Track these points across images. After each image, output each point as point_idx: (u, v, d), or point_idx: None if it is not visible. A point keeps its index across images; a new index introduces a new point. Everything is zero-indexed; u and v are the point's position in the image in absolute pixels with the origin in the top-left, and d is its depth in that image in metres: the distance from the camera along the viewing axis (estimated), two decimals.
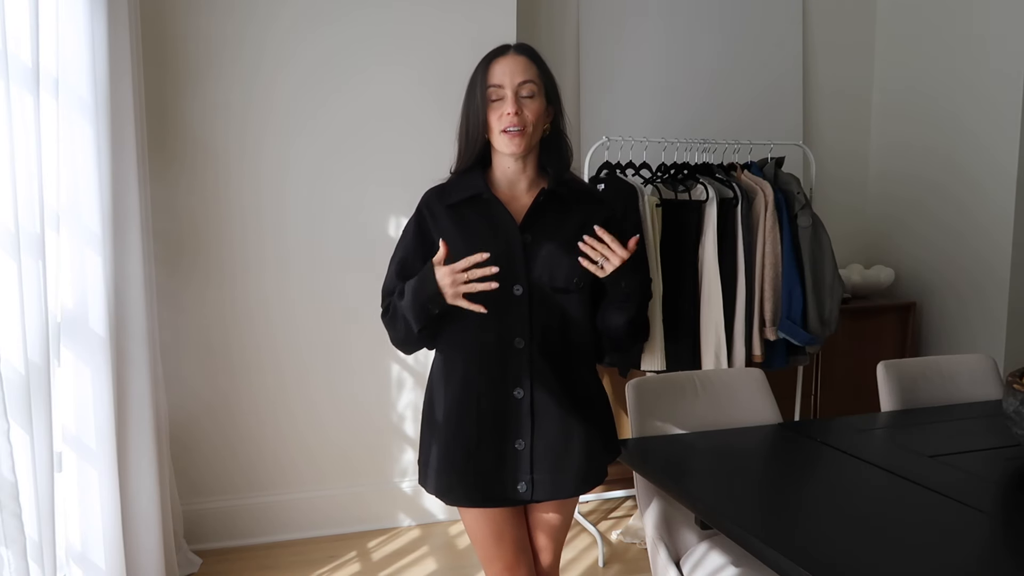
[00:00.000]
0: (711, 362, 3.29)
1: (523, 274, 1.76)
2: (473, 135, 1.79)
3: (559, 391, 1.79)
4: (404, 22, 3.35)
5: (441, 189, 1.85)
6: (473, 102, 1.79)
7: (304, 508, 3.42)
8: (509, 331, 1.77)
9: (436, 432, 1.84)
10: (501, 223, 1.79)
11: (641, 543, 3.32)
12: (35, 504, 2.07)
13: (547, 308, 1.78)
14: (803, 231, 3.38)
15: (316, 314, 3.36)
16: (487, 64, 1.79)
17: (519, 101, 1.75)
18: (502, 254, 1.72)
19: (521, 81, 1.75)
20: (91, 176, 2.41)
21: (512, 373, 1.77)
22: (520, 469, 1.78)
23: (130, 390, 2.66)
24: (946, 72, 4.12)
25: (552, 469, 1.79)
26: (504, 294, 1.73)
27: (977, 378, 2.67)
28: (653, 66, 4.12)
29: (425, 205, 1.84)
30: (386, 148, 3.35)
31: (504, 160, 1.82)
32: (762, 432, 2.26)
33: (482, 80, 1.78)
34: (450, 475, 1.80)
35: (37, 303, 2.07)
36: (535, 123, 1.77)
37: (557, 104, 1.83)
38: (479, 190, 1.80)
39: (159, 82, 3.10)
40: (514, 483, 1.79)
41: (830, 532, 1.63)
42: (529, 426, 1.78)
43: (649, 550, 2.13)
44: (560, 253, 1.77)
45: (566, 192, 1.83)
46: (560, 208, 1.82)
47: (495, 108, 1.76)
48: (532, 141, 1.79)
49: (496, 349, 1.78)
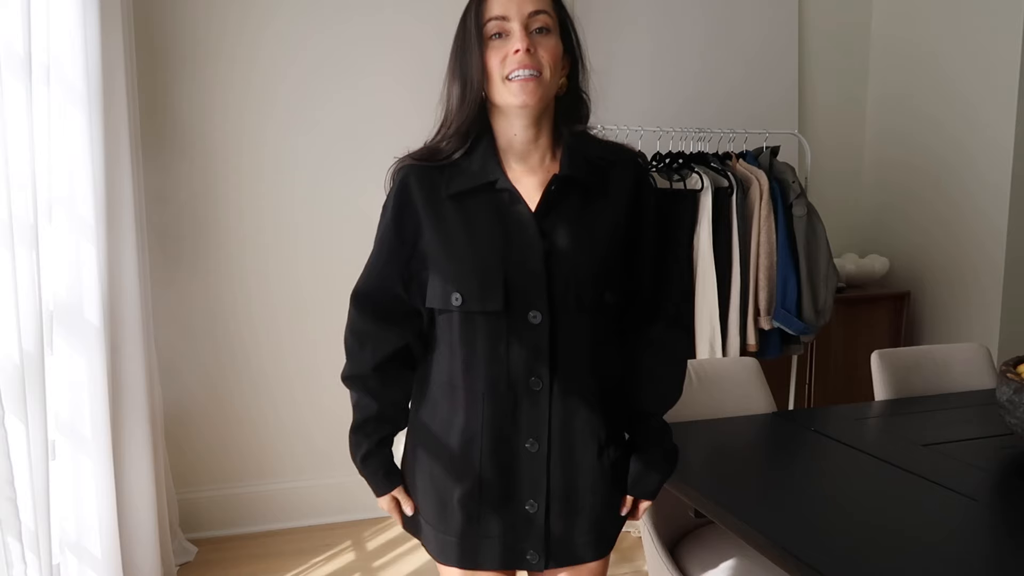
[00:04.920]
0: (706, 351, 3.29)
1: (543, 295, 1.34)
2: (469, 87, 1.33)
3: (582, 440, 1.41)
4: (400, 21, 3.33)
5: (427, 170, 1.39)
6: (466, 43, 1.34)
7: (299, 497, 3.42)
8: (524, 369, 1.36)
9: (428, 485, 1.46)
10: (517, 224, 1.35)
11: (636, 532, 3.33)
12: (30, 493, 2.07)
13: (571, 337, 1.37)
14: (798, 220, 3.38)
15: (310, 303, 3.35)
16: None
17: (531, 37, 1.30)
18: (518, 270, 1.34)
19: (532, 11, 1.31)
20: (84, 165, 2.40)
21: (526, 421, 1.38)
22: (531, 535, 1.42)
23: (124, 379, 2.66)
24: (941, 62, 4.12)
25: (570, 531, 1.43)
26: (518, 322, 1.35)
27: (971, 367, 2.68)
28: (648, 54, 4.10)
29: (404, 189, 1.39)
30: (383, 138, 3.34)
31: (511, 124, 1.36)
32: (756, 421, 2.27)
33: (477, 13, 1.33)
34: (448, 534, 1.44)
35: (31, 292, 2.06)
36: (553, 67, 1.32)
37: (577, 51, 1.38)
38: (492, 176, 1.36)
39: (152, 71, 3.08)
40: (522, 551, 1.43)
41: (824, 520, 1.64)
42: (544, 484, 1.40)
43: (643, 539, 2.14)
44: (586, 261, 1.36)
45: (585, 171, 1.38)
46: (579, 193, 1.38)
47: (497, 48, 1.32)
48: (549, 92, 1.34)
49: (506, 391, 1.38)
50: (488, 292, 1.33)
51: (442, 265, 1.37)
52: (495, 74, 1.32)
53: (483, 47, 1.32)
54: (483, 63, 1.32)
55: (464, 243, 1.35)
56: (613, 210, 1.40)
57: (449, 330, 1.40)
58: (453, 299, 1.35)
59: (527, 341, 1.35)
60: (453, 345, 1.39)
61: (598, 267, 1.37)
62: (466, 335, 1.37)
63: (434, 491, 1.45)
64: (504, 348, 1.36)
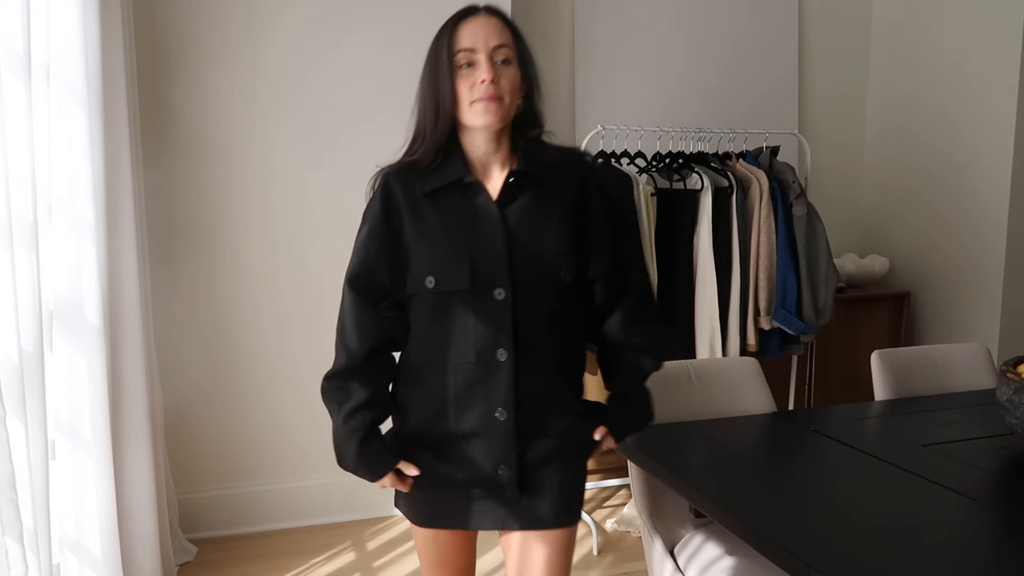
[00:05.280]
0: (706, 351, 3.30)
1: (506, 274, 1.53)
2: (443, 109, 1.54)
3: (547, 409, 1.58)
4: (402, 22, 3.33)
5: (405, 176, 1.60)
6: (438, 71, 1.54)
7: (299, 497, 3.42)
8: (490, 343, 1.53)
9: (408, 451, 1.62)
10: (483, 214, 1.56)
11: (636, 532, 3.33)
12: (30, 493, 2.07)
13: (533, 312, 1.55)
14: (798, 220, 3.38)
15: (310, 302, 3.35)
16: (454, 26, 1.55)
17: (495, 67, 1.52)
18: (484, 252, 1.54)
19: (496, 45, 1.53)
20: (84, 165, 2.40)
21: (494, 391, 1.54)
22: (503, 499, 1.58)
23: (124, 379, 2.66)
24: (941, 62, 4.12)
25: (538, 498, 1.58)
26: (484, 299, 1.53)
27: (971, 367, 2.68)
28: (649, 54, 4.10)
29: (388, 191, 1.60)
30: (381, 138, 3.33)
31: (476, 138, 1.58)
32: (756, 421, 2.27)
33: (449, 44, 1.53)
34: (423, 502, 1.64)
35: (31, 292, 2.06)
36: (511, 93, 1.55)
37: (532, 75, 1.60)
38: (460, 174, 1.57)
39: (152, 71, 3.08)
40: (495, 515, 1.60)
41: (823, 520, 1.64)
42: (513, 451, 1.55)
43: (643, 539, 2.14)
44: (543, 243, 1.56)
45: (538, 167, 1.59)
46: (535, 187, 1.59)
47: (465, 76, 1.52)
48: (508, 113, 1.56)
49: (475, 364, 1.54)
50: (457, 272, 1.53)
51: (418, 253, 1.56)
52: (464, 98, 1.53)
53: (453, 75, 1.53)
54: (453, 89, 1.53)
55: (438, 232, 1.56)
56: (564, 199, 1.60)
57: (424, 311, 1.58)
58: (427, 282, 1.54)
59: (492, 316, 1.53)
60: (427, 324, 1.58)
61: (554, 248, 1.56)
62: (438, 314, 1.56)
63: (412, 460, 1.61)
64: (472, 324, 1.54)
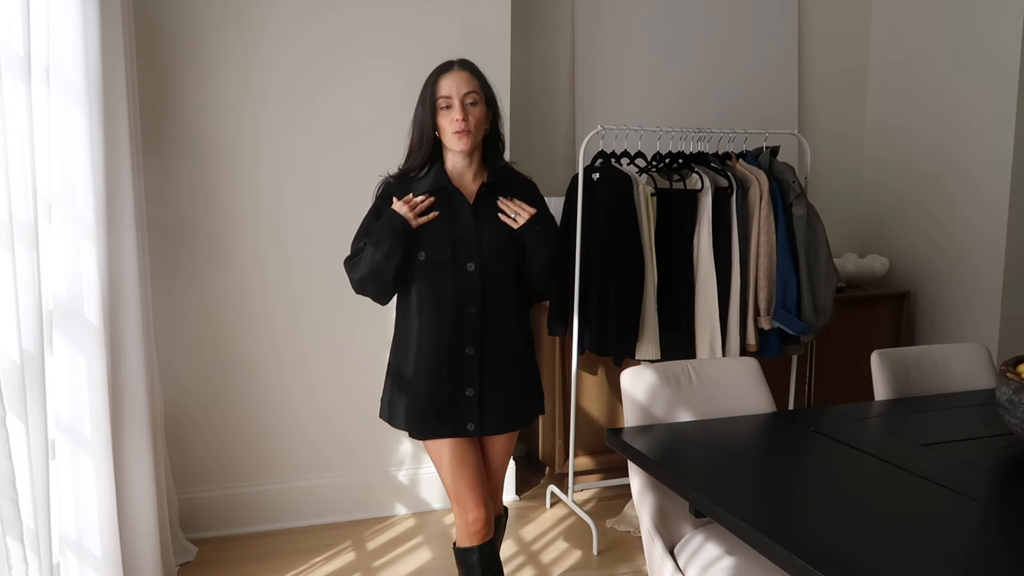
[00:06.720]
0: (705, 351, 3.30)
1: (476, 253, 2.20)
2: (427, 136, 2.22)
3: (501, 348, 2.26)
4: (399, 14, 3.34)
5: (403, 181, 2.27)
6: (425, 110, 2.21)
7: (299, 497, 3.42)
8: (464, 300, 2.21)
9: (404, 381, 2.28)
10: (460, 211, 2.22)
11: (636, 531, 3.33)
12: (30, 492, 2.07)
13: (493, 280, 2.22)
14: (798, 220, 3.38)
15: (310, 302, 3.36)
16: (436, 79, 2.21)
17: (465, 108, 2.17)
18: (461, 236, 2.20)
19: (466, 92, 2.19)
20: (84, 165, 2.40)
21: (466, 334, 2.22)
22: (470, 411, 2.25)
23: (124, 379, 2.66)
24: (942, 62, 4.12)
25: (494, 410, 2.26)
26: (460, 270, 2.20)
27: (970, 367, 2.67)
28: (648, 55, 4.11)
29: (389, 194, 2.24)
30: (382, 137, 3.34)
31: (455, 156, 2.26)
32: (756, 421, 2.27)
33: (432, 92, 2.20)
34: (417, 414, 2.26)
35: (31, 292, 2.06)
36: (478, 124, 2.20)
37: (495, 109, 2.28)
38: (443, 183, 2.23)
39: (152, 70, 3.08)
40: (465, 422, 2.25)
41: (823, 520, 1.64)
42: (478, 377, 2.23)
43: (644, 539, 2.14)
44: (501, 233, 2.23)
45: (502, 182, 2.27)
46: (498, 196, 2.25)
47: (445, 115, 2.19)
48: (477, 139, 2.22)
49: (453, 314, 2.21)
50: (441, 249, 2.20)
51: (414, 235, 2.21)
52: (445, 129, 2.21)
53: (435, 113, 2.21)
54: (435, 123, 2.22)
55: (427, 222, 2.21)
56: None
57: (418, 278, 2.24)
58: (420, 256, 2.21)
59: (465, 282, 2.21)
60: (420, 288, 2.24)
61: (508, 237, 2.24)
62: (428, 280, 2.22)
63: (409, 384, 2.26)
64: (452, 287, 2.21)
